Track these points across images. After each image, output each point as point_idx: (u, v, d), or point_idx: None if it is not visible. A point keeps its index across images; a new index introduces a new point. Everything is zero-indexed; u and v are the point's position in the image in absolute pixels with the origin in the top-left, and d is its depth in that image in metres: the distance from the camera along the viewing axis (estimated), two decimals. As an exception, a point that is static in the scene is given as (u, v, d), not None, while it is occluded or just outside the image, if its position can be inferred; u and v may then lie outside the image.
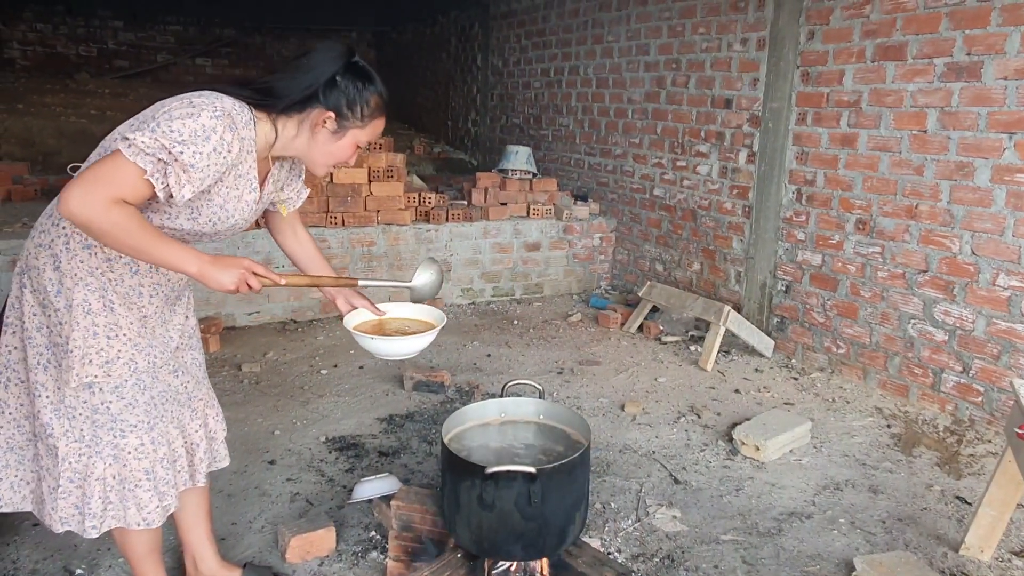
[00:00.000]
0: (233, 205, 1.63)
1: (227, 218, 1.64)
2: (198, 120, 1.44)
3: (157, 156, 1.42)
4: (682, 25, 4.73)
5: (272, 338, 4.29)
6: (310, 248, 2.01)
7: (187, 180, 1.45)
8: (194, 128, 1.43)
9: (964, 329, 3.31)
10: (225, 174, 1.57)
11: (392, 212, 4.79)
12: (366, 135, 1.69)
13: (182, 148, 1.42)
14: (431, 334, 1.93)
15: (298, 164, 1.87)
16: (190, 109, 1.45)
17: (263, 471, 2.79)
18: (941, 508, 2.65)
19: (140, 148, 1.41)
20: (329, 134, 1.64)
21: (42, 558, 2.22)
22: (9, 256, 3.84)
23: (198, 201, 1.58)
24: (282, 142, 1.65)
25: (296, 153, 1.70)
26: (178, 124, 1.43)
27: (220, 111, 1.48)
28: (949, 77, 3.25)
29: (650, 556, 2.32)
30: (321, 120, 1.62)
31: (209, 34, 9.85)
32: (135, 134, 1.41)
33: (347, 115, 1.63)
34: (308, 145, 1.66)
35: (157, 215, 1.58)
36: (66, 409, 1.63)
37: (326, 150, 1.67)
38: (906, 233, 3.50)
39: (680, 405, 3.51)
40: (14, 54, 8.80)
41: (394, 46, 9.98)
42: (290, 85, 1.59)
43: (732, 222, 4.47)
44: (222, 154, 1.49)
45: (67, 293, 1.59)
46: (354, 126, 1.65)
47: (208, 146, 1.45)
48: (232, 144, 1.50)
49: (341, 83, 1.60)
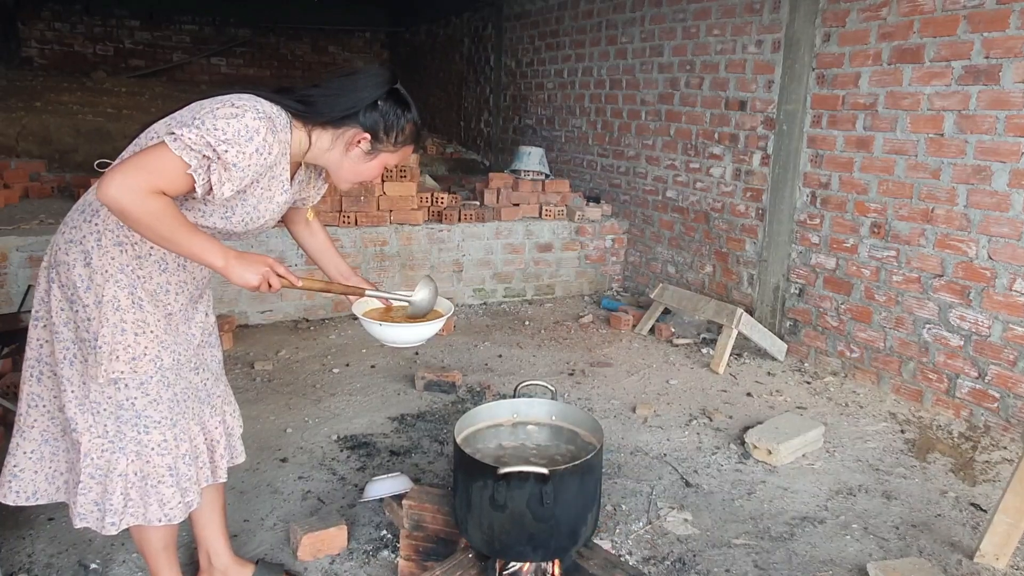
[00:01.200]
0: (265, 206, 1.67)
1: (258, 218, 1.68)
2: (242, 120, 1.47)
3: (203, 153, 1.45)
4: (696, 27, 4.71)
5: (284, 336, 4.31)
6: (322, 238, 2.05)
7: (228, 179, 1.48)
8: (238, 128, 1.46)
9: (980, 334, 3.28)
10: (262, 175, 1.59)
11: (405, 212, 4.81)
12: (396, 159, 1.74)
13: (227, 147, 1.45)
14: (438, 322, 1.95)
15: (322, 168, 1.90)
16: (234, 110, 1.48)
17: (275, 469, 2.81)
18: (956, 515, 2.63)
19: (187, 143, 1.43)
20: (362, 154, 1.69)
21: (57, 552, 2.24)
22: (26, 253, 3.87)
23: (233, 201, 1.61)
24: (315, 152, 1.70)
25: (326, 165, 1.74)
26: (223, 124, 1.46)
27: (263, 114, 1.51)
28: (967, 80, 3.23)
29: (661, 559, 2.31)
30: (356, 140, 1.67)
31: (224, 34, 9.92)
32: (182, 130, 1.44)
33: (382, 139, 1.68)
34: (339, 161, 1.71)
35: (191, 213, 1.60)
36: (91, 404, 1.65)
37: (356, 169, 1.72)
38: (922, 237, 3.47)
39: (692, 408, 3.50)
40: (32, 52, 8.89)
41: (407, 47, 10.01)
42: (333, 104, 1.63)
43: (745, 224, 4.46)
44: (263, 155, 1.52)
45: (97, 289, 1.61)
46: (386, 150, 1.71)
47: (251, 147, 1.48)
48: (272, 147, 1.54)
49: (381, 107, 1.65)
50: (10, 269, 3.86)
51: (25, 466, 1.74)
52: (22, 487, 1.74)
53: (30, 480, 1.75)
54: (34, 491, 1.75)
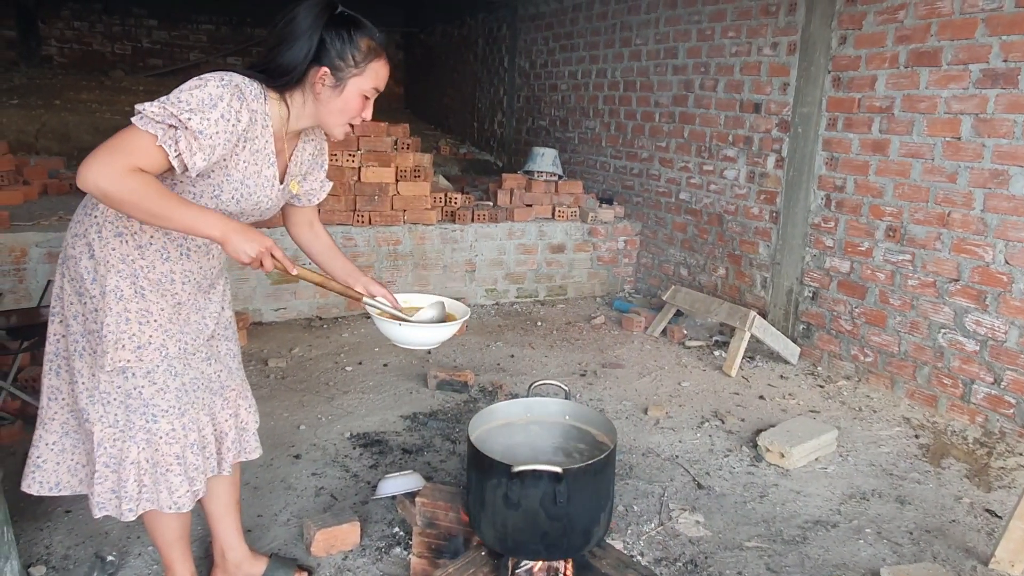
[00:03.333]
0: (254, 181, 1.65)
1: (249, 195, 1.66)
2: (204, 89, 1.48)
3: (167, 123, 1.45)
4: (711, 29, 4.70)
5: (298, 334, 4.34)
6: (326, 240, 2.00)
7: (198, 147, 1.48)
8: (201, 97, 1.47)
9: (996, 340, 3.25)
10: (239, 147, 1.59)
11: (418, 212, 4.83)
12: (368, 81, 1.66)
13: (190, 115, 1.45)
14: (454, 325, 1.91)
15: (320, 154, 1.89)
16: (198, 81, 1.50)
17: (289, 465, 2.83)
18: (970, 521, 2.61)
19: (150, 117, 1.45)
20: (330, 90, 1.63)
21: (74, 544, 2.27)
22: (45, 248, 3.92)
23: (217, 177, 1.60)
24: (295, 113, 1.67)
25: (310, 121, 1.70)
26: (186, 95, 1.47)
27: (227, 82, 1.51)
28: (984, 83, 3.20)
29: (673, 560, 2.31)
30: (318, 79, 1.62)
31: (240, 33, 9.99)
32: (144, 106, 1.45)
33: (340, 66, 1.61)
34: (316, 108, 1.66)
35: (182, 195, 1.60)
36: (100, 395, 1.68)
37: (333, 107, 1.66)
38: (938, 241, 3.45)
39: (704, 410, 3.49)
40: (52, 51, 8.99)
41: (422, 47, 10.04)
42: (294, 56, 1.58)
43: (759, 227, 4.44)
44: (230, 121, 1.51)
45: (101, 280, 1.63)
46: (351, 75, 1.63)
47: (216, 113, 1.48)
48: (241, 113, 1.53)
49: (327, 39, 1.59)
50: (29, 265, 3.91)
51: (47, 457, 1.77)
52: (45, 478, 1.77)
53: (52, 471, 1.78)
54: (56, 482, 1.78)
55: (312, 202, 1.94)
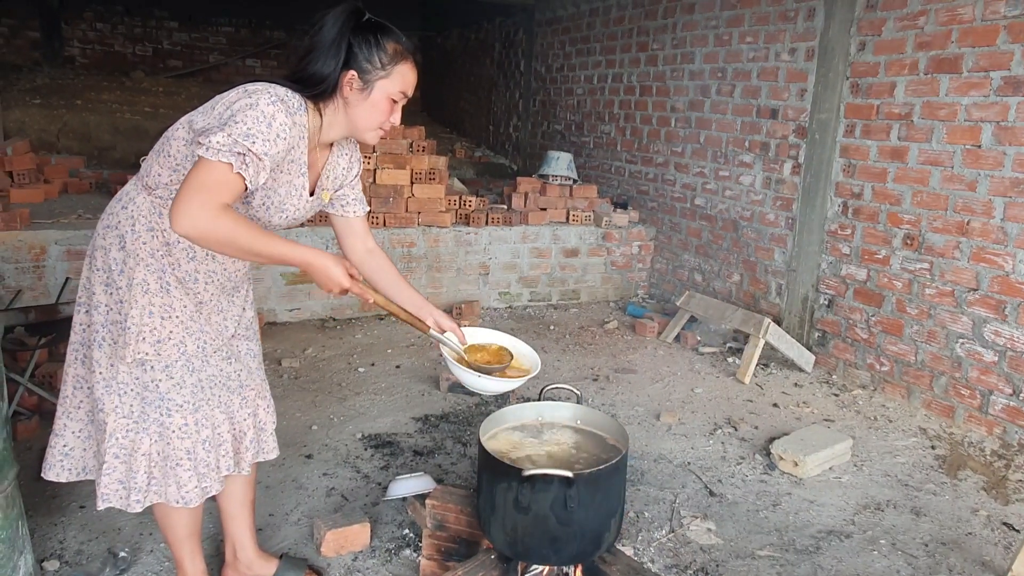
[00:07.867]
0: (285, 189, 1.68)
1: (280, 203, 1.68)
2: (257, 108, 1.50)
3: (235, 151, 1.46)
4: (729, 34, 4.69)
5: (311, 334, 4.36)
6: (382, 263, 2.02)
7: (262, 168, 1.51)
8: (256, 116, 1.49)
9: (1015, 350, 3.21)
10: (283, 159, 1.61)
11: (433, 214, 4.84)
12: (394, 84, 1.66)
13: (253, 139, 1.47)
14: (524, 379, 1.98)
15: (353, 165, 1.90)
16: (248, 99, 1.51)
17: (300, 465, 2.84)
18: (987, 534, 2.57)
19: (218, 148, 1.45)
20: (358, 93, 1.65)
21: (87, 539, 2.29)
22: (64, 246, 3.96)
23: (265, 188, 1.64)
24: (327, 121, 1.68)
25: (341, 129, 1.72)
26: (241, 117, 1.48)
27: (275, 96, 1.53)
28: (1006, 91, 3.17)
29: (684, 568, 2.30)
30: (347, 83, 1.63)
31: (260, 36, 10.08)
32: (208, 139, 1.46)
33: (367, 68, 1.63)
34: (346, 114, 1.68)
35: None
36: (118, 385, 1.70)
37: (361, 112, 1.67)
38: (956, 250, 3.41)
39: (717, 417, 3.47)
40: (74, 52, 9.11)
41: (439, 51, 10.08)
42: (325, 65, 1.60)
43: (775, 234, 4.41)
44: (283, 137, 1.54)
45: (129, 272, 1.66)
46: (378, 77, 1.64)
47: (272, 132, 1.51)
48: (291, 128, 1.56)
49: (355, 44, 1.61)
50: (48, 262, 3.96)
51: (75, 444, 1.80)
52: (72, 464, 1.81)
53: (80, 457, 1.81)
54: (83, 467, 1.82)
55: (347, 211, 1.95)
